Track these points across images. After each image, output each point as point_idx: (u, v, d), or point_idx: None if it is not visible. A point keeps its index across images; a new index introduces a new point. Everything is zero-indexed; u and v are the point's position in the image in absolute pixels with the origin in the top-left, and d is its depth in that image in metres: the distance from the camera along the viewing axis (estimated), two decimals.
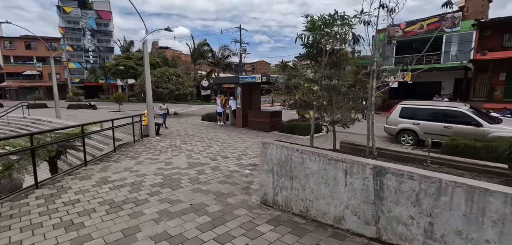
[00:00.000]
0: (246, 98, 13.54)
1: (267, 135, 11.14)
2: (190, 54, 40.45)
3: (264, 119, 12.18)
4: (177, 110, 23.51)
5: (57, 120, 16.39)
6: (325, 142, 9.59)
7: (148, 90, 10.23)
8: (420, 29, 19.97)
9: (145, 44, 9.91)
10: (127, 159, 7.02)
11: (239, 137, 10.65)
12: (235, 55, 37.30)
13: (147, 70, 10.11)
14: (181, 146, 8.83)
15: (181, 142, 9.55)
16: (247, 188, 4.97)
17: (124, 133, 10.46)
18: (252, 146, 8.80)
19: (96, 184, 5.11)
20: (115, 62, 39.13)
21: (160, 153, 7.72)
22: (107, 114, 20.74)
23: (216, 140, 10.01)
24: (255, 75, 12.11)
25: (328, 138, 10.51)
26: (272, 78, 11.77)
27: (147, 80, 10.24)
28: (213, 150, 8.25)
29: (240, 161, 6.91)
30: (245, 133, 11.53)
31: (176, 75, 19.09)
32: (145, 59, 10.03)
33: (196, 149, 8.39)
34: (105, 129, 7.38)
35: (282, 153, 3.78)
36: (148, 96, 10.27)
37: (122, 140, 9.65)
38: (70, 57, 48.79)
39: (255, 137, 10.72)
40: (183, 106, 30.76)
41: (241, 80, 12.65)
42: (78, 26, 49.82)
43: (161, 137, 10.47)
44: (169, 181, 5.27)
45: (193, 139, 10.17)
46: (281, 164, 3.81)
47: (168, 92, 18.03)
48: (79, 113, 21.67)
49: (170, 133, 11.67)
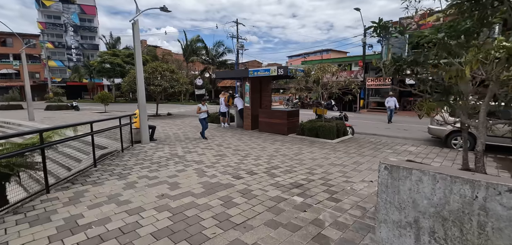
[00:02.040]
0: (256, 95, 11.55)
1: (285, 139, 9.20)
2: (182, 51, 38.03)
3: (280, 120, 10.22)
4: (171, 111, 21.22)
5: (28, 123, 13.87)
6: (363, 148, 7.73)
7: (139, 84, 8.07)
8: (436, 22, 18.57)
9: (136, 25, 7.77)
10: (113, 179, 4.89)
11: (254, 142, 8.64)
12: (231, 52, 35.17)
13: (138, 57, 7.95)
14: (185, 156, 6.74)
15: (184, 150, 7.46)
16: (320, 237, 2.98)
17: (110, 138, 8.31)
18: (276, 155, 6.83)
19: (57, 234, 3.00)
20: (100, 59, 36.15)
21: (159, 168, 5.62)
22: (91, 116, 18.24)
23: (226, 146, 7.97)
24: (269, 67, 10.13)
25: (360, 142, 8.67)
26: (291, 70, 9.85)
27: (138, 73, 8.08)
28: (229, 161, 6.22)
29: (275, 179, 4.92)
30: (259, 137, 9.53)
31: (170, 70, 16.84)
32: (136, 46, 7.88)
33: (206, 160, 6.32)
34: (80, 136, 5.21)
35: (451, 191, 1.81)
36: (140, 93, 8.11)
37: (107, 148, 7.46)
38: (51, 54, 45.23)
39: (273, 141, 8.75)
40: (175, 107, 28.38)
41: (252, 73, 10.65)
42: (60, 22, 46.28)
43: (157, 144, 8.33)
44: (183, 224, 3.22)
45: (197, 145, 8.08)
46: (447, 216, 1.84)
47: (161, 90, 15.77)
48: (57, 115, 19.04)
49: (167, 137, 9.53)
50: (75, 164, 6.95)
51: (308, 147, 7.93)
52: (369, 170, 5.55)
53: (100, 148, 7.76)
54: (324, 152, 7.26)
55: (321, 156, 6.74)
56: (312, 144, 8.32)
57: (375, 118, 16.88)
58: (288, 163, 6.09)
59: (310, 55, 53.49)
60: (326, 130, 9.06)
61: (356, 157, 6.68)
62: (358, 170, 5.58)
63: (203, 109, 9.17)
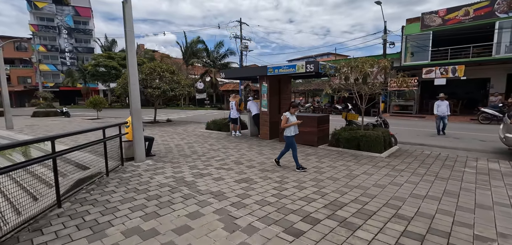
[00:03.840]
0: (275, 98, 9.62)
1: (318, 153, 7.24)
2: (182, 53, 36.10)
3: (309, 128, 8.26)
4: (170, 117, 19.22)
5: (3, 133, 11.80)
6: (429, 165, 5.75)
7: (132, 83, 6.08)
8: (465, 16, 16.78)
9: (127, 4, 5.81)
10: (79, 239, 2.88)
11: (284, 159, 6.66)
12: (233, 54, 33.28)
13: (130, 47, 5.98)
14: (195, 182, 4.74)
15: (193, 170, 5.46)
16: None
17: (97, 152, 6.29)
18: (322, 179, 4.87)
19: None
20: (94, 62, 34.09)
21: (159, 209, 3.62)
22: (80, 123, 16.19)
23: (248, 164, 5.99)
24: (294, 63, 8.20)
25: (416, 156, 6.71)
26: (324, 67, 7.92)
27: (131, 68, 6.10)
28: (261, 191, 4.23)
29: (358, 236, 2.94)
30: None
31: (170, 71, 14.87)
32: (128, 31, 5.90)
33: (229, 190, 4.33)
34: (29, 163, 3.20)
35: None
36: (133, 95, 6.12)
37: (89, 169, 5.44)
38: (42, 58, 43.12)
39: (305, 156, 6.79)
40: (175, 112, 26.39)
41: (272, 71, 8.71)
42: (53, 24, 44.26)
43: (156, 161, 6.33)
44: None
45: (209, 163, 6.09)
46: None
47: (159, 93, 13.77)
48: (43, 122, 16.95)
49: (168, 151, 7.53)
50: (29, 203, 4.90)
51: (356, 164, 5.98)
52: (482, 209, 3.59)
53: (79, 168, 5.75)
54: (383, 172, 5.31)
55: (384, 180, 4.78)
56: (357, 160, 6.36)
57: (403, 123, 14.97)
58: (349, 193, 4.13)
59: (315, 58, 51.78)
60: (372, 141, 7.10)
61: (438, 182, 4.72)
62: (466, 208, 3.62)
63: (292, 120, 5.56)
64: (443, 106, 10.08)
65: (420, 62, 17.75)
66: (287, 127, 5.54)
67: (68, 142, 8.52)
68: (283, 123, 5.53)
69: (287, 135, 5.59)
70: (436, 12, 17.85)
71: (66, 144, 8.38)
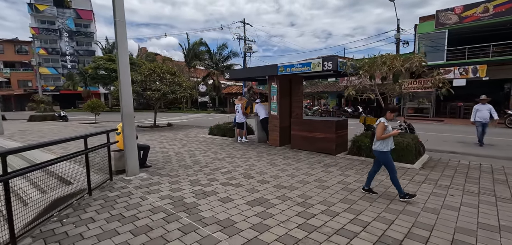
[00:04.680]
0: (285, 100, 8.68)
1: (339, 162, 6.28)
2: (184, 56, 35.34)
3: (326, 134, 7.30)
4: (171, 121, 18.34)
5: None
6: (476, 180, 4.75)
7: (123, 81, 5.16)
8: (484, 13, 15.76)
9: None
10: None
11: (294, 168, 5.70)
12: (236, 56, 32.45)
13: (121, 35, 5.07)
14: (198, 205, 3.79)
15: (194, 187, 4.52)
16: None
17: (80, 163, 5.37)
18: (358, 201, 3.90)
19: None
20: (95, 65, 33.39)
21: None
22: (76, 128, 15.36)
23: (260, 178, 5.04)
24: (309, 61, 7.25)
25: (454, 168, 5.71)
26: (343, 64, 6.98)
27: (121, 61, 5.18)
28: (282, 219, 3.29)
29: None
30: (297, 159, 6.60)
31: (171, 73, 13.99)
32: (117, 20, 4.99)
33: (239, 217, 3.39)
34: None
35: None
36: (124, 98, 5.20)
37: (72, 185, 4.51)
38: (43, 61, 42.58)
39: (323, 167, 5.82)
40: (177, 115, 25.54)
41: (283, 70, 7.77)
42: (54, 27, 43.75)
43: (151, 174, 5.39)
44: None
45: (214, 177, 5.14)
46: None
47: (159, 96, 12.87)
48: (37, 127, 16.12)
49: (167, 160, 6.59)
50: None
51: (389, 178, 4.98)
52: None
53: (63, 183, 4.82)
54: (425, 190, 4.34)
55: (433, 202, 3.81)
56: (386, 172, 5.35)
57: (422, 128, 13.88)
58: (397, 223, 3.16)
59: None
60: (402, 150, 6.12)
61: (503, 205, 3.73)
62: None
63: (390, 129, 3.96)
64: (484, 110, 8.24)
65: (436, 62, 16.71)
66: (384, 139, 3.90)
67: (56, 150, 7.62)
68: (380, 132, 3.87)
69: (382, 150, 3.95)
70: (452, 9, 16.85)
71: (54, 152, 7.49)
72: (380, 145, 3.96)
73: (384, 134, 3.89)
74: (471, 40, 17.30)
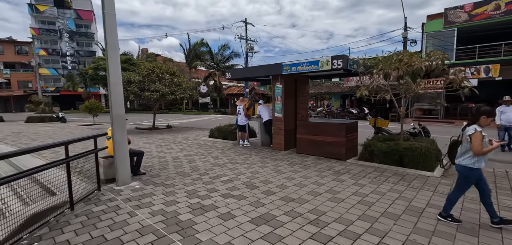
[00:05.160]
0: (290, 101, 8.15)
1: (351, 169, 5.73)
2: (185, 56, 34.88)
3: (335, 138, 6.76)
4: (171, 122, 17.85)
5: None
6: None
7: (113, 82, 4.64)
8: (496, 10, 15.16)
9: None
10: None
11: (302, 175, 5.17)
12: (238, 56, 31.93)
13: (110, 33, 4.57)
14: (195, 223, 3.27)
15: (191, 200, 3.99)
16: None
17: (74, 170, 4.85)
18: (379, 218, 3.38)
19: None
20: (94, 65, 32.99)
21: None
22: (73, 130, 14.91)
23: (265, 189, 4.51)
24: (317, 59, 6.72)
25: None
26: (355, 63, 6.44)
27: (111, 64, 4.66)
28: (294, 243, 2.75)
29: None
30: (304, 165, 6.07)
31: (170, 73, 13.50)
32: (106, 13, 4.49)
33: (245, 244, 2.85)
34: None
35: None
36: (113, 98, 4.69)
37: (53, 197, 3.99)
38: (43, 62, 42.29)
39: (334, 174, 5.28)
40: (177, 117, 25.07)
41: (288, 69, 7.24)
42: (54, 28, 43.46)
43: (144, 183, 4.87)
44: None
45: (213, 187, 4.61)
46: None
47: (158, 96, 12.37)
48: (33, 129, 15.68)
49: (163, 166, 6.07)
50: None
51: (409, 189, 4.47)
52: None
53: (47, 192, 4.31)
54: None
55: None
56: (406, 181, 4.85)
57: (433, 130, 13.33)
58: None
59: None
60: (420, 156, 5.58)
61: None
62: None
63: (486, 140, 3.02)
64: (509, 112, 7.38)
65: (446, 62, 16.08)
66: (485, 154, 2.96)
67: (46, 154, 7.13)
68: (479, 145, 2.89)
69: (472, 166, 3.01)
70: (461, 7, 16.25)
71: (44, 157, 7.00)
72: (470, 161, 3.02)
73: (485, 149, 2.92)
74: (481, 39, 16.69)
